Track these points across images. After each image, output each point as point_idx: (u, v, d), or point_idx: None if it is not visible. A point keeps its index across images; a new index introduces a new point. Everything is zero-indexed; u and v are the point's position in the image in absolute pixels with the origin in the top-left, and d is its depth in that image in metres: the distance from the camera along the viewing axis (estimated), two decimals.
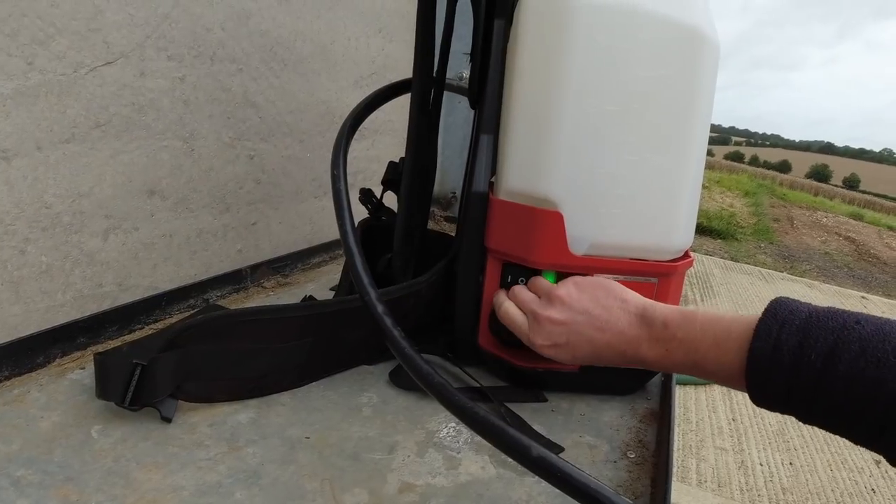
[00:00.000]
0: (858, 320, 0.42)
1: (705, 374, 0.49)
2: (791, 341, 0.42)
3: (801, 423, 0.45)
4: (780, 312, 0.45)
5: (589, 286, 0.59)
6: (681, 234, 0.68)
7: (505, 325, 0.65)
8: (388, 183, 0.84)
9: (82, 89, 0.67)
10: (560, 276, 0.69)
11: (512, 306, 0.64)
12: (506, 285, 0.69)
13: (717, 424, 2.52)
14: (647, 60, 0.62)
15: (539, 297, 0.62)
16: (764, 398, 0.45)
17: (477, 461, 0.59)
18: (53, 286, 0.68)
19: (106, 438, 0.56)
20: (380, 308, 0.56)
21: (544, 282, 0.63)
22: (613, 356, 0.56)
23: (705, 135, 0.68)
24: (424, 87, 0.78)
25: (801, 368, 0.42)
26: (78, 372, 0.67)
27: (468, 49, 0.75)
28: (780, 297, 0.47)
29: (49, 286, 0.68)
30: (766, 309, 0.46)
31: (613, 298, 0.57)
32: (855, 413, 0.40)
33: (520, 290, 0.65)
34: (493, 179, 0.71)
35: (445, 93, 0.86)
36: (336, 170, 0.67)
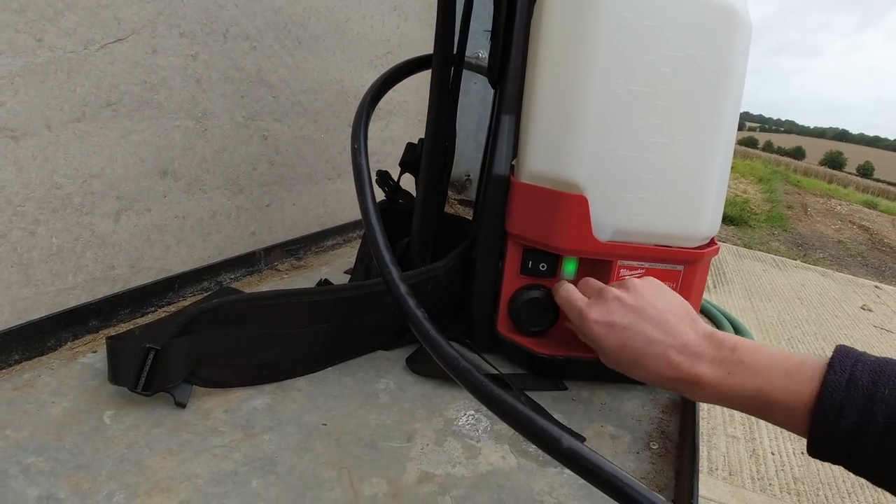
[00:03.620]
0: None
1: (767, 402, 0.47)
2: (865, 378, 0.41)
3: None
4: (851, 353, 0.44)
5: (666, 291, 0.58)
6: (708, 221, 0.66)
7: (559, 300, 0.64)
8: (405, 165, 0.82)
9: (93, 67, 0.65)
10: (582, 262, 0.67)
11: (574, 288, 0.63)
12: (526, 271, 0.67)
13: (728, 413, 2.51)
14: (677, 39, 0.60)
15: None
16: (830, 438, 0.43)
17: (497, 451, 0.58)
18: (64, 268, 0.67)
19: (118, 424, 0.55)
20: (403, 288, 0.54)
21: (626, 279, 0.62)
22: (663, 367, 0.53)
23: (735, 118, 0.66)
24: (445, 64, 0.75)
25: (875, 405, 0.40)
26: (90, 356, 0.66)
27: (487, 27, 0.72)
28: (842, 345, 0.46)
29: (60, 268, 0.67)
30: (835, 350, 0.45)
31: (685, 314, 0.55)
32: None
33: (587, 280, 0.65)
34: (513, 162, 0.69)
35: (463, 73, 0.84)
36: (357, 143, 0.64)
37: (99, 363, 0.64)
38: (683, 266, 0.66)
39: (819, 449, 0.44)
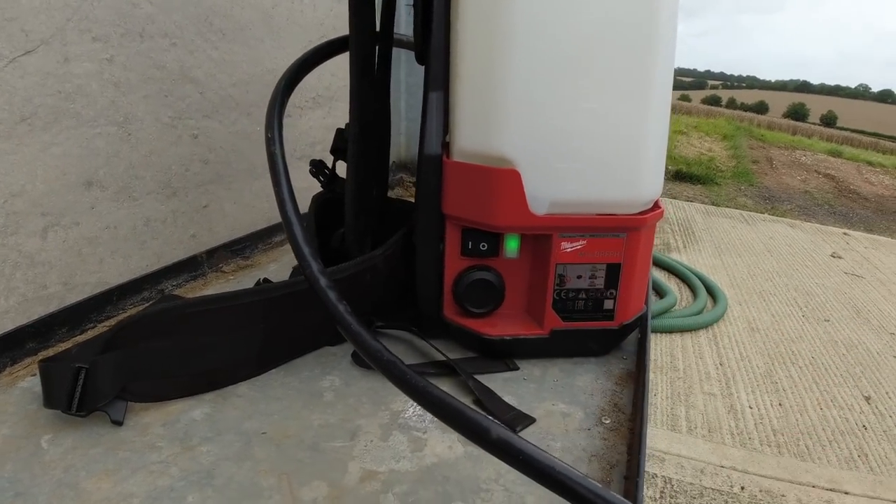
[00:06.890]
0: None
1: None
2: None
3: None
4: None
5: None
6: (648, 185, 0.65)
7: None
8: (337, 152, 0.79)
9: (2, 83, 0.62)
10: (524, 238, 0.66)
11: None
12: (468, 252, 0.66)
13: (704, 370, 2.53)
14: (598, 1, 0.58)
15: None
16: None
17: (444, 441, 0.56)
18: None
19: (56, 448, 0.53)
20: (322, 281, 0.52)
21: None
22: None
23: (669, 77, 0.65)
24: (364, 43, 0.72)
25: None
26: (29, 379, 0.64)
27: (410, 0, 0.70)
28: None
29: None
30: None
31: None
32: None
33: None
34: (447, 139, 0.67)
35: (406, 51, 0.81)
36: (270, 132, 0.62)
37: (37, 387, 0.62)
38: (626, 233, 0.65)
39: None
